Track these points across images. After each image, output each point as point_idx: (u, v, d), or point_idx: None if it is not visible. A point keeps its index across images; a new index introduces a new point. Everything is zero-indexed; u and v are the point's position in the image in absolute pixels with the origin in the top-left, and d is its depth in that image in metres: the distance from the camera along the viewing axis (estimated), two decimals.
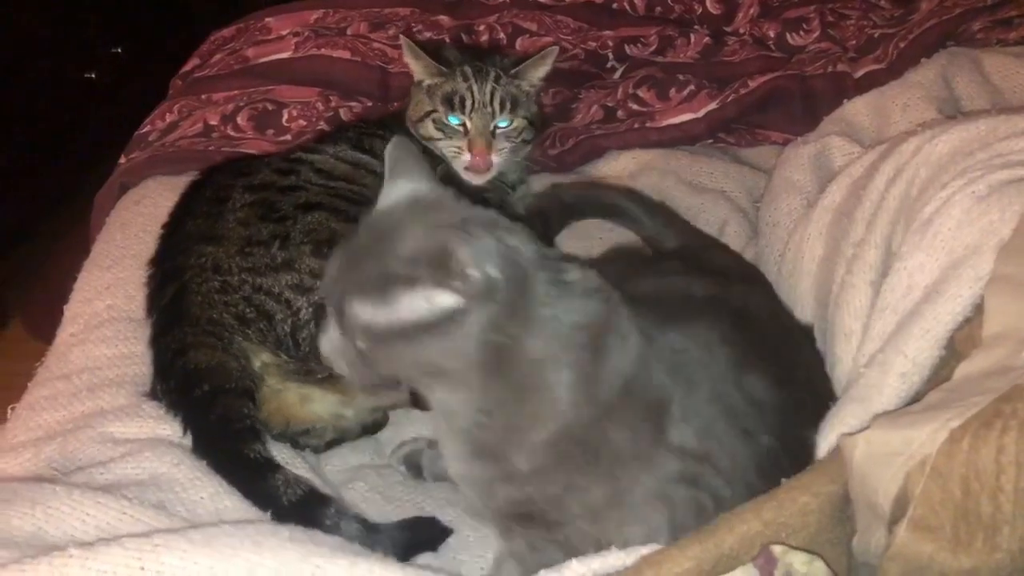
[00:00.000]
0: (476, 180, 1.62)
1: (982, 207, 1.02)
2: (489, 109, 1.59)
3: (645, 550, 0.89)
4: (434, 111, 1.61)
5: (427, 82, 1.64)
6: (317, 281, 1.27)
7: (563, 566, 0.91)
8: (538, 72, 1.66)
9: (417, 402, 1.32)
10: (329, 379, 1.28)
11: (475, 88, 1.59)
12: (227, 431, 1.19)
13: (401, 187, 0.96)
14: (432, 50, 1.66)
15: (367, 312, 0.88)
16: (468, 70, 1.61)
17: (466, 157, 1.59)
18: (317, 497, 1.14)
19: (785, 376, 1.07)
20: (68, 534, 1.01)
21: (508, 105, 1.61)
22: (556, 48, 1.69)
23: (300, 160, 1.47)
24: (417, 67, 1.64)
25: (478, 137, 1.59)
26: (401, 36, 1.70)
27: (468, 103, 1.59)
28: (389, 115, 1.76)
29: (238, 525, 0.98)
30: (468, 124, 1.59)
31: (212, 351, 1.24)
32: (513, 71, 1.63)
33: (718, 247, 1.52)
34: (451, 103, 1.59)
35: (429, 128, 1.62)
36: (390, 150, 0.98)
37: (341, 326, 0.92)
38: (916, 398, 0.97)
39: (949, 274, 1.00)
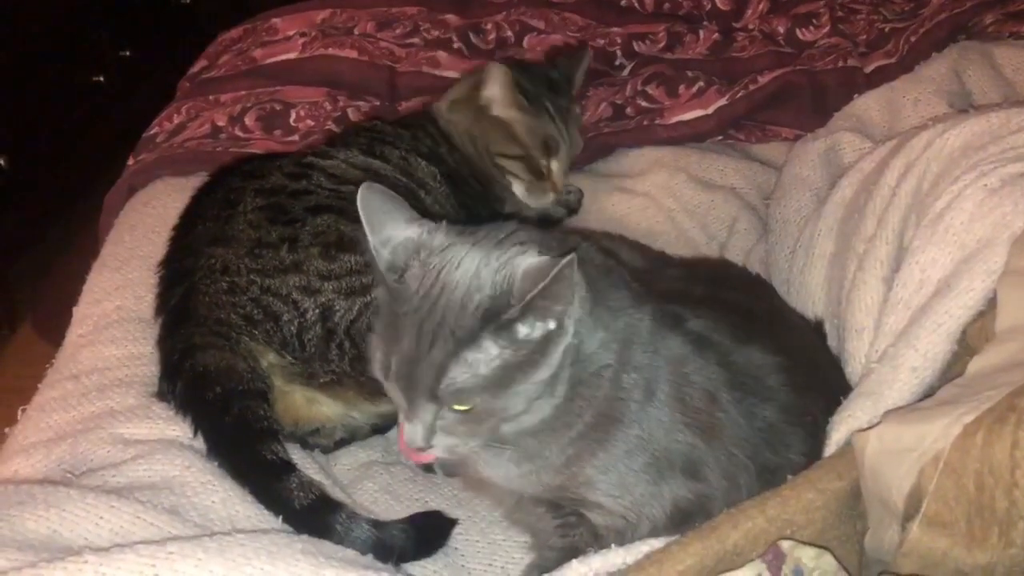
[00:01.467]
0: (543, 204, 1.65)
1: (994, 200, 1.01)
2: (572, 149, 1.60)
3: (646, 547, 0.89)
4: (526, 156, 1.59)
5: (505, 115, 1.59)
6: (325, 283, 1.27)
7: (565, 567, 0.91)
8: (580, 78, 1.66)
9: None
10: (331, 384, 1.28)
11: (563, 130, 1.58)
12: (244, 433, 1.19)
13: (396, 239, 0.94)
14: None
15: (478, 360, 0.88)
16: (550, 107, 1.58)
17: (550, 197, 1.60)
18: (328, 503, 1.14)
19: (783, 350, 1.09)
20: (82, 537, 1.01)
21: (578, 136, 1.61)
22: (589, 50, 1.71)
23: (311, 164, 1.46)
24: (502, 98, 1.58)
25: (560, 177, 1.59)
26: (494, 63, 1.59)
27: (561, 148, 1.59)
28: (403, 120, 1.72)
29: (252, 535, 0.99)
30: (553, 166, 1.59)
31: (220, 352, 1.24)
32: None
33: (712, 261, 1.54)
34: (548, 148, 1.57)
35: (515, 168, 1.60)
36: (363, 197, 0.92)
37: (426, 407, 0.90)
38: (928, 393, 0.96)
39: (961, 268, 1.00)
